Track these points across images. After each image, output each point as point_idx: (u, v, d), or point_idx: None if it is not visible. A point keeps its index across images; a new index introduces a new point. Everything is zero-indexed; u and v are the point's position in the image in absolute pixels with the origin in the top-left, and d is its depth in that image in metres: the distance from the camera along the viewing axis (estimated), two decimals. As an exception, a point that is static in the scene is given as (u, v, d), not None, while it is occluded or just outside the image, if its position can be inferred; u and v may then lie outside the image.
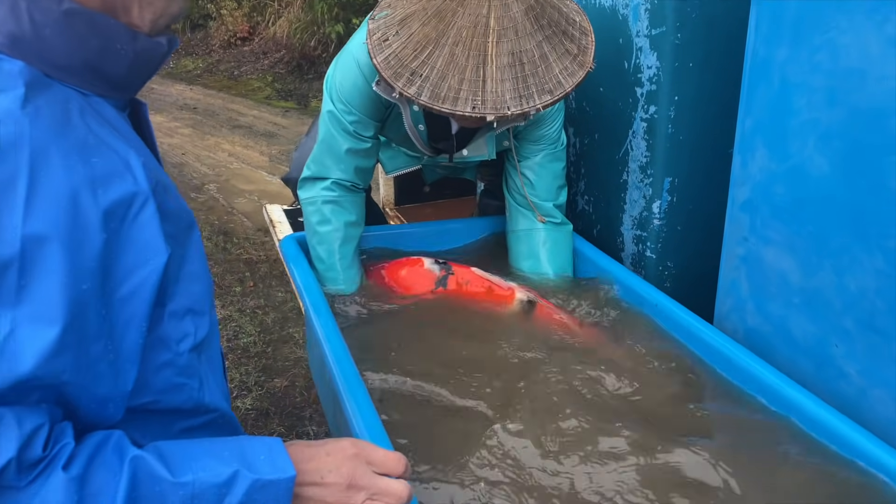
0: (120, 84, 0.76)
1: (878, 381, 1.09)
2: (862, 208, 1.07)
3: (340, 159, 1.54)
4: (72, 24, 0.69)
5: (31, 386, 0.61)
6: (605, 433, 1.08)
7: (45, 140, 0.63)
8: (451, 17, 1.28)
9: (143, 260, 0.69)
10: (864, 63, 1.03)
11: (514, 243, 1.63)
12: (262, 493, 0.71)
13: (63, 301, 0.62)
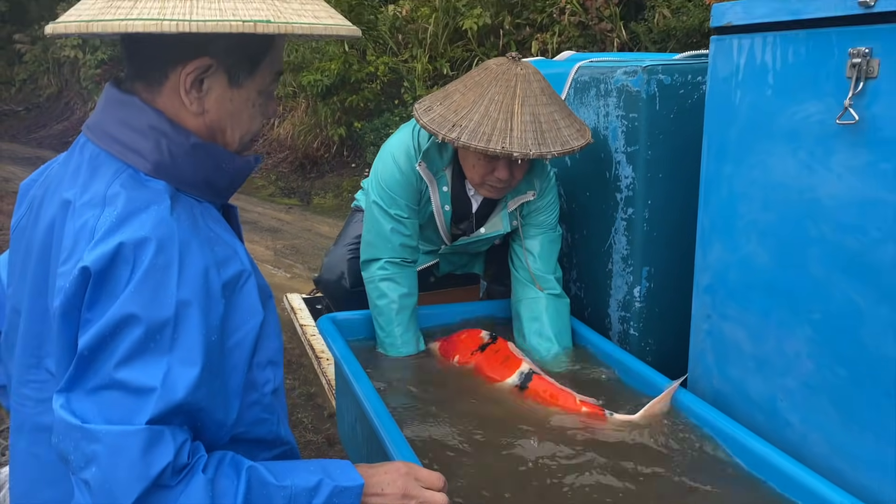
0: (223, 192, 1.05)
1: (814, 427, 1.38)
2: (792, 289, 1.39)
3: (388, 240, 1.87)
4: (196, 153, 0.98)
5: (181, 410, 0.88)
6: (597, 470, 1.36)
7: (187, 236, 0.92)
8: (486, 87, 1.70)
9: (247, 319, 0.96)
10: (786, 178, 1.38)
11: (520, 310, 1.94)
12: (339, 497, 0.98)
13: (201, 349, 0.89)
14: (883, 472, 1.26)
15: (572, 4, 5.99)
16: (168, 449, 0.85)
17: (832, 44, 1.26)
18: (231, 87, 0.99)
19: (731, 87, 1.48)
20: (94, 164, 0.95)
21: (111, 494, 0.82)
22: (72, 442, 0.84)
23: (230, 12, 0.86)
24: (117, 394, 0.85)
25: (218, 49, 0.95)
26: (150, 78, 0.97)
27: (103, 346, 0.85)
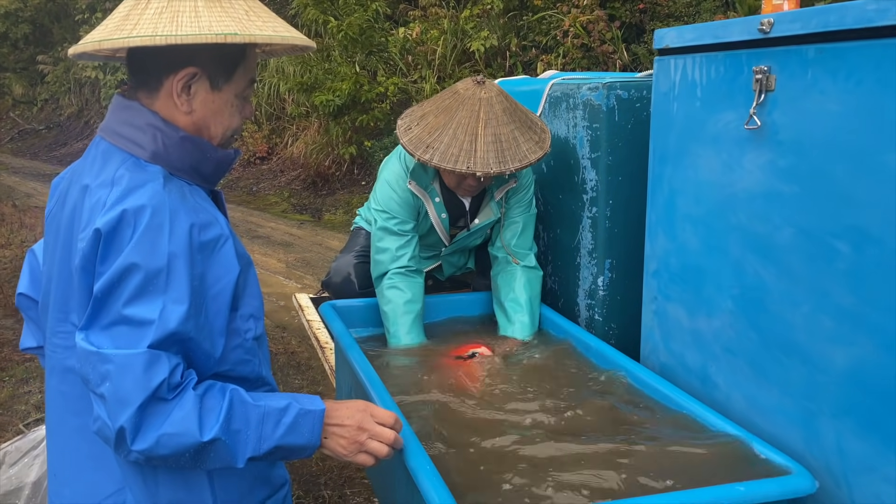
0: (209, 178, 1.31)
1: (734, 387, 1.64)
2: (717, 270, 1.66)
3: (391, 255, 2.17)
4: (184, 144, 1.24)
5: (175, 339, 1.12)
6: (569, 432, 1.62)
7: (176, 205, 1.17)
8: (454, 111, 2.01)
9: (225, 272, 1.20)
10: (711, 176, 1.65)
11: (498, 281, 2.25)
12: (304, 417, 1.22)
13: (187, 291, 1.13)
14: (785, 420, 1.51)
15: (576, 27, 6.30)
16: (164, 368, 1.10)
17: (742, 62, 1.54)
18: (213, 91, 1.24)
19: (669, 100, 1.77)
20: (105, 156, 1.22)
21: (121, 402, 1.07)
22: (90, 364, 1.09)
23: (206, 27, 1.13)
24: (125, 327, 1.10)
25: (201, 60, 1.21)
26: (149, 86, 1.23)
27: (113, 290, 1.10)
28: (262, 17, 1.21)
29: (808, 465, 1.43)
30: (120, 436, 1.07)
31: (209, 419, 1.12)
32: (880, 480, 1.32)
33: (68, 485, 1.25)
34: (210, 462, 1.14)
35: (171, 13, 1.14)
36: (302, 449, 1.23)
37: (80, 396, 1.21)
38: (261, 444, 1.17)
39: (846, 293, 1.36)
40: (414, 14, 7.58)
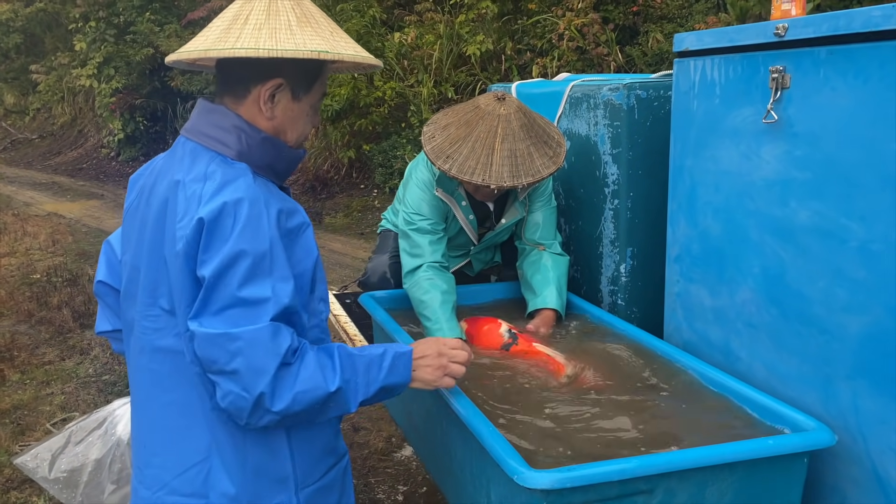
0: (281, 174, 1.45)
1: (756, 358, 1.81)
2: (737, 252, 1.83)
3: (425, 250, 2.32)
4: (264, 144, 1.38)
5: (287, 312, 1.27)
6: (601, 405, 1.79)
7: (266, 196, 1.31)
8: (474, 125, 2.17)
9: (307, 254, 1.35)
10: (730, 166, 1.83)
11: (524, 266, 2.40)
12: (399, 359, 1.40)
13: (288, 269, 1.28)
14: (804, 385, 1.69)
15: (570, 30, 6.49)
16: (287, 336, 1.24)
17: (758, 63, 1.72)
18: (293, 101, 1.38)
19: (689, 99, 1.94)
20: (193, 155, 1.33)
21: (257, 371, 1.21)
22: (217, 346, 1.20)
23: (302, 44, 1.28)
24: (240, 309, 1.21)
25: (286, 72, 1.35)
26: (237, 93, 1.36)
27: (223, 276, 1.21)
28: (344, 37, 1.37)
29: (828, 424, 1.61)
30: (258, 402, 1.21)
31: (329, 373, 1.28)
32: (892, 431, 1.50)
33: (157, 454, 1.38)
34: (331, 411, 1.30)
35: (269, 30, 1.29)
36: (400, 386, 1.40)
37: (171, 374, 1.34)
38: (369, 388, 1.34)
39: (858, 267, 1.54)
40: (410, 19, 7.75)
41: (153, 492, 1.37)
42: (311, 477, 1.39)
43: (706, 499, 1.50)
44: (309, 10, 1.36)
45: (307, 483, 1.38)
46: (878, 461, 1.53)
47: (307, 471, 1.39)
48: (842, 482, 1.62)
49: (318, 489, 1.40)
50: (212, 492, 1.32)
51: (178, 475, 1.34)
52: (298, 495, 1.37)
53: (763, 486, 1.52)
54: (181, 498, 1.34)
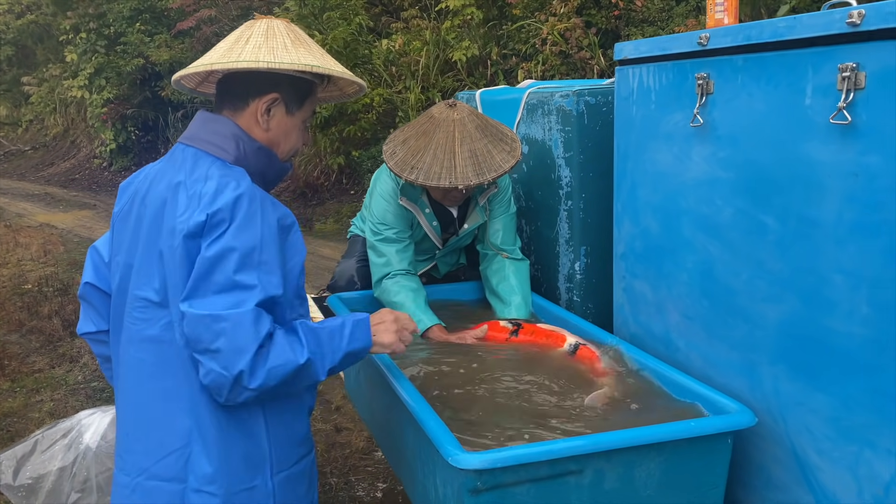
0: (269, 182, 1.61)
1: (692, 348, 1.94)
2: (673, 248, 1.96)
3: (391, 259, 2.46)
4: (259, 153, 1.54)
5: (271, 302, 1.40)
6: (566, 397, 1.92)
7: (262, 196, 1.47)
8: (432, 134, 2.31)
9: (297, 252, 1.51)
10: (665, 168, 1.96)
11: (488, 273, 2.54)
12: (357, 326, 1.53)
13: (277, 263, 1.42)
14: (733, 371, 1.82)
15: (553, 35, 6.63)
16: (267, 322, 1.37)
17: (687, 70, 1.85)
18: (287, 115, 1.55)
19: (629, 104, 2.07)
20: (194, 159, 1.47)
21: (238, 351, 1.32)
22: (203, 325, 1.32)
23: (297, 59, 1.46)
24: (228, 294, 1.34)
25: (282, 88, 1.52)
26: (236, 105, 1.53)
27: (217, 264, 1.35)
28: (333, 59, 1.56)
29: (752, 406, 1.73)
30: (238, 379, 1.33)
31: (296, 347, 1.40)
32: (807, 412, 1.62)
33: (140, 441, 1.49)
34: (302, 380, 1.44)
35: (268, 48, 1.47)
36: (362, 351, 1.54)
37: (156, 363, 1.46)
38: (335, 356, 1.47)
39: (776, 260, 1.66)
40: (396, 26, 7.90)
41: (132, 477, 1.48)
42: (286, 463, 1.52)
43: (635, 479, 1.62)
44: (301, 34, 1.54)
45: (281, 468, 1.51)
46: (796, 441, 1.66)
47: (282, 456, 1.51)
48: (767, 462, 1.74)
49: (290, 475, 1.53)
50: (191, 475, 1.44)
51: (158, 460, 1.45)
52: (273, 479, 1.49)
53: (690, 466, 1.65)
54: (160, 482, 1.45)
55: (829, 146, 1.51)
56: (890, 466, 1.46)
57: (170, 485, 1.44)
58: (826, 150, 1.52)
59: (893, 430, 1.45)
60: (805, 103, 1.55)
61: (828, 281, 1.54)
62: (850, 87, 1.45)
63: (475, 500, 1.51)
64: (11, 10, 13.29)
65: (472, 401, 1.89)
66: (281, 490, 1.50)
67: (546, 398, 1.89)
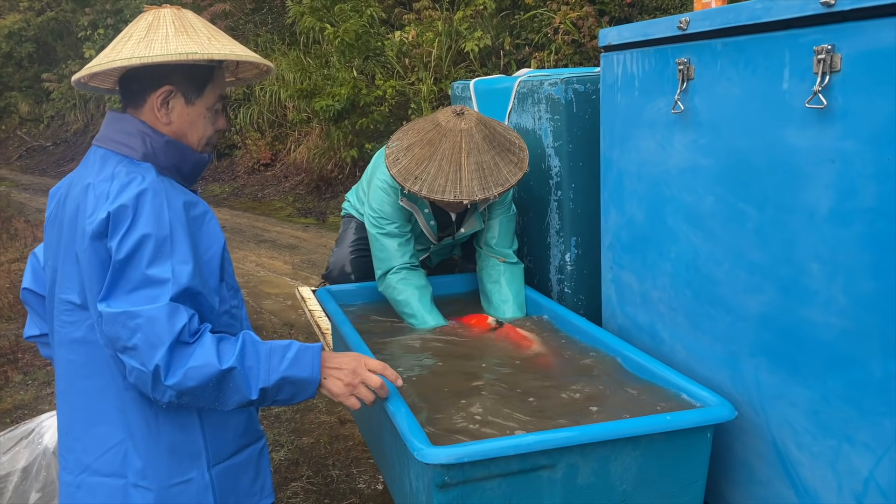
0: (188, 177, 1.58)
1: (677, 340, 1.91)
2: (657, 238, 1.93)
3: (396, 253, 2.43)
4: (168, 147, 1.52)
5: (187, 293, 1.39)
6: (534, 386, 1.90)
7: (168, 188, 1.45)
8: (437, 144, 2.25)
9: (213, 241, 1.49)
10: (649, 156, 1.93)
11: (483, 277, 2.50)
12: (304, 353, 1.47)
13: (189, 252, 1.40)
14: (716, 363, 1.78)
15: (566, 24, 6.57)
16: (183, 316, 1.35)
17: (668, 56, 1.82)
18: (187, 105, 1.52)
19: (614, 91, 2.04)
20: (103, 160, 1.47)
21: (153, 346, 1.31)
22: (119, 323, 1.33)
23: (173, 50, 1.41)
24: (145, 290, 1.34)
25: (176, 79, 1.49)
26: (136, 102, 1.50)
27: (131, 259, 1.34)
28: (223, 41, 1.49)
29: (734, 399, 1.70)
30: (155, 374, 1.32)
31: (226, 353, 1.38)
32: (787, 405, 1.59)
33: (79, 439, 1.49)
34: (230, 393, 1.39)
35: (147, 42, 1.43)
36: (306, 382, 1.45)
37: (86, 363, 1.47)
38: (270, 375, 1.41)
39: (755, 249, 1.63)
40: (408, 17, 7.87)
41: (75, 475, 1.49)
42: (223, 453, 1.52)
43: (611, 473, 1.60)
44: (188, 21, 1.49)
45: (219, 459, 1.51)
46: (777, 434, 1.62)
47: (219, 448, 1.51)
48: (749, 456, 1.71)
49: (230, 466, 1.53)
50: (129, 470, 1.45)
51: (98, 457, 1.47)
52: (210, 471, 1.49)
53: (668, 461, 1.62)
54: (102, 478, 1.46)
55: (805, 132, 1.47)
56: (868, 461, 1.43)
57: (111, 480, 1.46)
58: (803, 135, 1.48)
59: (871, 425, 1.41)
60: (782, 88, 1.51)
61: (805, 270, 1.51)
62: (825, 69, 1.40)
63: (444, 496, 1.50)
64: (32, 8, 13.47)
65: (459, 396, 1.87)
66: (220, 482, 1.50)
67: (538, 393, 1.87)
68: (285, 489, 3.06)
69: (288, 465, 3.28)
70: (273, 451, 3.39)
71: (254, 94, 9.51)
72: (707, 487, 1.68)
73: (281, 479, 3.15)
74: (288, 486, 3.08)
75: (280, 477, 3.16)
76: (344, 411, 3.71)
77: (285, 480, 3.13)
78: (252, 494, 1.59)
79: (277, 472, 3.20)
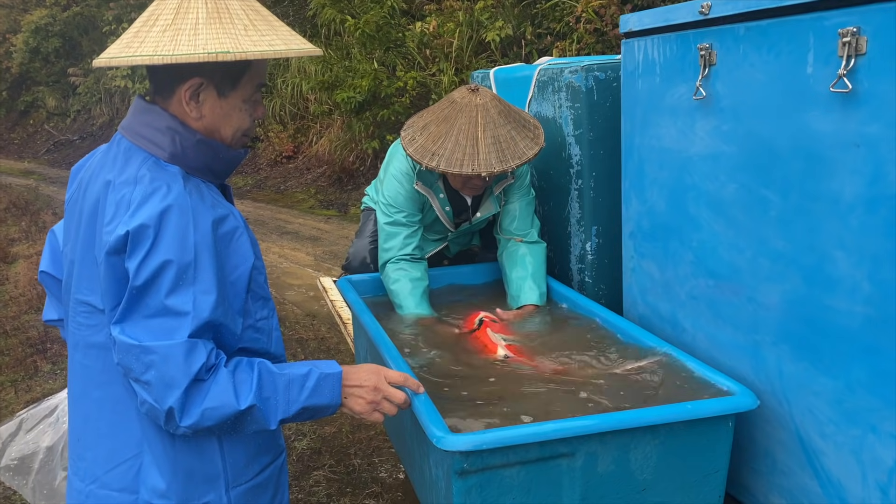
0: (220, 175, 1.48)
1: (698, 329, 1.89)
2: (679, 226, 1.91)
3: (397, 243, 2.44)
4: (199, 146, 1.40)
5: (208, 327, 1.32)
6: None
7: (196, 204, 1.35)
8: (454, 119, 2.25)
9: (242, 261, 1.38)
10: (670, 143, 1.90)
11: (504, 260, 2.49)
12: (325, 381, 1.41)
13: (214, 280, 1.31)
14: (738, 352, 1.76)
15: (587, 13, 6.51)
16: (202, 354, 1.25)
17: (690, 41, 1.79)
18: (220, 98, 1.35)
19: (635, 78, 2.02)
20: (127, 155, 1.32)
21: (167, 386, 1.23)
22: (133, 357, 1.23)
23: (201, 46, 1.23)
24: (163, 319, 1.23)
25: (206, 71, 1.31)
26: (163, 93, 1.33)
27: (150, 285, 1.23)
28: (261, 30, 1.32)
29: (756, 388, 1.68)
30: (169, 415, 1.24)
31: (243, 390, 1.29)
32: (810, 395, 1.57)
33: (91, 449, 1.41)
34: (248, 427, 1.32)
35: (173, 31, 1.26)
36: (326, 408, 1.39)
37: (103, 370, 1.36)
38: (289, 407, 1.34)
39: (778, 237, 1.60)
40: (430, 8, 7.85)
41: (86, 484, 1.42)
42: (244, 476, 1.45)
43: (631, 462, 1.59)
44: (226, 2, 1.32)
45: (238, 482, 1.44)
46: (800, 424, 1.60)
47: (239, 471, 1.44)
48: (772, 445, 1.69)
49: (250, 488, 1.45)
50: (142, 487, 1.38)
51: (109, 470, 1.40)
52: (229, 494, 1.42)
53: (688, 450, 1.61)
54: (112, 492, 1.39)
55: (830, 116, 1.45)
56: (893, 452, 1.40)
57: (121, 495, 1.39)
58: (827, 120, 1.45)
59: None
60: (806, 72, 1.49)
61: (829, 258, 1.48)
62: (850, 52, 1.38)
63: (463, 483, 1.50)
64: (58, 3, 13.63)
65: (478, 385, 1.87)
66: (239, 503, 1.44)
67: (558, 383, 1.86)
68: (308, 478, 3.08)
69: (310, 454, 3.30)
70: (296, 440, 3.41)
71: (276, 86, 9.55)
72: (729, 477, 1.67)
73: (303, 467, 3.17)
74: (310, 474, 3.10)
75: (302, 466, 3.19)
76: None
77: (308, 469, 3.16)
78: None
79: (300, 461, 3.22)
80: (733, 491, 1.81)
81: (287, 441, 3.40)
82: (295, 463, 3.20)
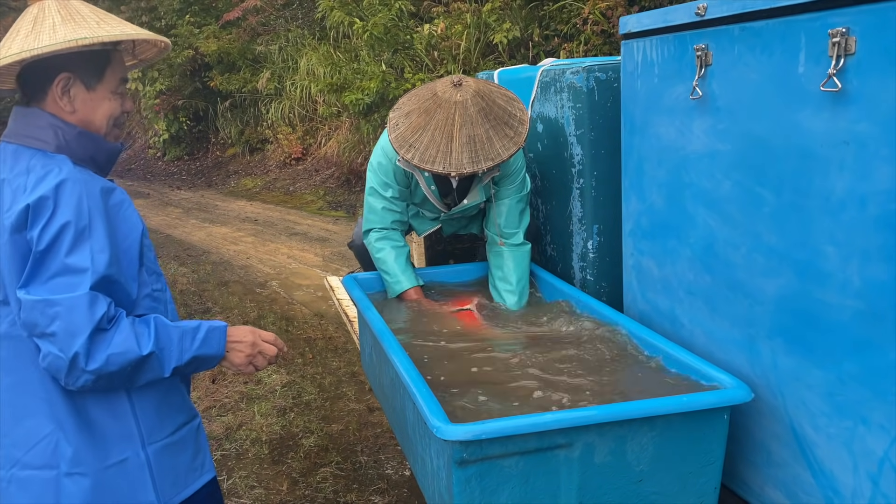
0: (103, 167, 1.59)
1: (696, 324, 1.93)
2: (677, 224, 1.95)
3: (381, 215, 2.54)
4: (81, 138, 1.52)
5: (105, 281, 1.42)
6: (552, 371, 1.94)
7: (87, 178, 1.46)
8: (433, 113, 2.28)
9: (132, 228, 1.51)
10: (668, 142, 1.95)
11: (489, 257, 2.56)
12: (212, 333, 1.52)
13: (106, 241, 1.43)
14: (734, 346, 1.80)
15: (594, 14, 6.55)
16: (103, 305, 1.37)
17: (687, 42, 1.83)
18: (88, 91, 1.49)
19: (634, 78, 2.06)
20: (15, 155, 1.45)
21: (72, 334, 1.33)
22: (38, 311, 1.34)
23: (61, 38, 1.39)
24: (65, 277, 1.35)
25: (72, 66, 1.47)
26: (37, 96, 1.48)
27: (52, 247, 1.35)
28: (112, 23, 1.49)
29: (751, 382, 1.72)
30: (73, 361, 1.34)
31: (143, 338, 1.42)
32: (804, 388, 1.61)
33: (8, 435, 1.48)
34: (143, 375, 1.44)
35: (35, 34, 1.42)
36: (212, 358, 1.53)
37: (9, 358, 1.47)
38: (182, 355, 1.47)
39: (771, 233, 1.64)
40: (437, 10, 7.90)
41: (6, 470, 1.50)
42: (159, 434, 1.55)
43: (627, 453, 1.63)
44: (73, 7, 1.48)
45: (154, 439, 1.54)
46: (794, 416, 1.64)
47: (152, 428, 1.54)
48: (766, 438, 1.73)
49: (166, 445, 1.55)
50: (61, 460, 1.47)
51: (28, 450, 1.48)
52: (146, 449, 1.52)
53: (684, 441, 1.65)
54: (34, 471, 1.47)
55: (820, 115, 1.49)
56: (883, 442, 1.44)
57: (42, 472, 1.46)
58: (818, 119, 1.49)
59: (886, 406, 1.43)
60: (798, 72, 1.53)
61: (821, 253, 1.52)
62: (840, 52, 1.42)
63: (463, 472, 1.55)
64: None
65: (479, 378, 1.92)
66: (158, 461, 1.53)
67: (557, 375, 1.90)
68: (315, 474, 3.13)
69: (318, 451, 3.35)
70: (303, 437, 3.46)
71: (285, 88, 9.63)
72: (724, 469, 1.71)
73: (311, 464, 3.22)
74: (317, 471, 3.16)
75: (310, 462, 3.24)
76: (373, 399, 3.77)
77: (315, 466, 3.21)
78: (193, 471, 1.61)
79: (307, 458, 3.27)
80: (729, 482, 1.85)
81: (294, 438, 3.46)
82: (302, 460, 3.25)
